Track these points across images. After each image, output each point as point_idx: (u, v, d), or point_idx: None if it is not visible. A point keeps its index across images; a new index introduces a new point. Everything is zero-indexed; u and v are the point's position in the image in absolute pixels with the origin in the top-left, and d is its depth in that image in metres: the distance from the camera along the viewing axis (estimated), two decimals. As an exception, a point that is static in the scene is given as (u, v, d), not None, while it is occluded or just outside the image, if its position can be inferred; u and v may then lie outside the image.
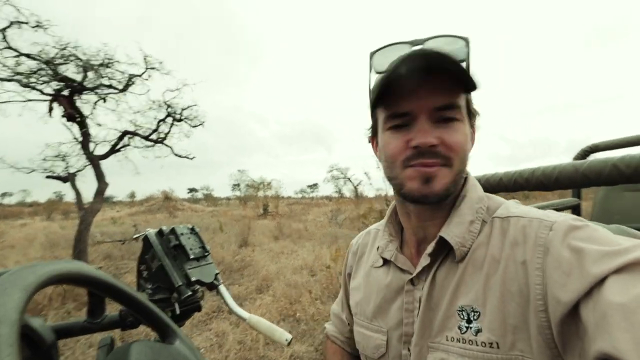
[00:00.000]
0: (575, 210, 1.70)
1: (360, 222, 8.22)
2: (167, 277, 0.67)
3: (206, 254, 0.75)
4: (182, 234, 0.74)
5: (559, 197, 1.93)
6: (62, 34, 5.14)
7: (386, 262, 0.62)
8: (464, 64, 0.49)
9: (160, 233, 0.73)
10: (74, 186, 5.97)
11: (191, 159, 7.18)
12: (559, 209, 1.71)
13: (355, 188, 24.15)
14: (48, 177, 5.92)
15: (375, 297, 0.61)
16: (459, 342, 0.47)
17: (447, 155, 0.49)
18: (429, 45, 0.51)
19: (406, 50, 0.50)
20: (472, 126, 0.55)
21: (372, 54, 0.55)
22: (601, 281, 0.36)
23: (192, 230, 0.79)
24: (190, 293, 0.66)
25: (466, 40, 0.50)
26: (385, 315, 0.58)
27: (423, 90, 0.48)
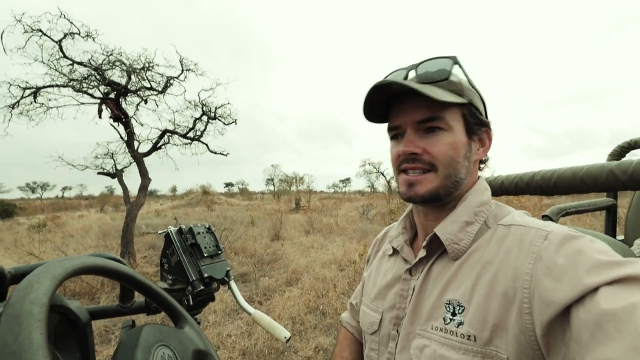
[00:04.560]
0: (611, 211, 1.59)
1: (390, 217, 8.12)
2: (183, 271, 0.76)
3: (219, 252, 0.83)
4: (198, 233, 0.82)
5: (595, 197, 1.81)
6: (107, 41, 5.58)
7: (395, 251, 0.68)
8: (446, 80, 0.55)
9: (179, 231, 0.82)
10: (121, 181, 6.50)
11: (226, 155, 7.50)
12: (591, 209, 1.61)
13: (388, 183, 23.74)
14: (99, 173, 6.50)
15: (380, 282, 0.68)
16: (442, 331, 0.51)
17: (431, 162, 0.55)
18: (421, 68, 0.57)
19: (403, 74, 0.59)
20: (477, 134, 0.58)
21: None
22: (594, 291, 0.37)
23: (209, 229, 0.87)
24: (202, 287, 0.74)
25: (453, 58, 0.56)
26: (384, 297, 0.64)
27: (409, 106, 0.56)
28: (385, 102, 0.59)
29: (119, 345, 0.47)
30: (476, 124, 0.57)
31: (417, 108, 0.55)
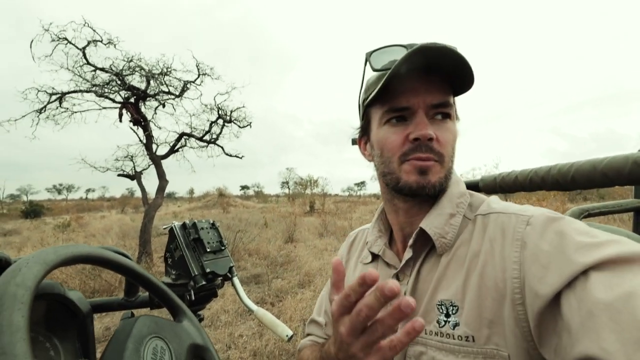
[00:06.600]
0: (639, 213, 1.49)
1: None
2: (186, 266, 0.75)
3: (223, 248, 0.82)
4: (202, 228, 0.82)
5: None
6: (127, 48, 5.78)
7: (374, 258, 0.63)
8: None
9: (183, 226, 0.82)
10: (139, 183, 6.69)
11: (241, 157, 7.60)
12: (617, 210, 1.52)
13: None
14: (119, 175, 6.71)
15: None
16: (437, 335, 0.48)
17: (440, 152, 0.51)
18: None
19: (402, 53, 0.51)
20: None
21: (369, 54, 0.57)
22: (583, 275, 0.35)
23: (213, 225, 0.86)
24: (204, 282, 0.74)
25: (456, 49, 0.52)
26: None
27: (422, 87, 0.50)
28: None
29: (112, 335, 0.47)
30: (457, 114, 0.56)
31: (431, 90, 0.50)
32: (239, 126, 7.27)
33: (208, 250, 0.78)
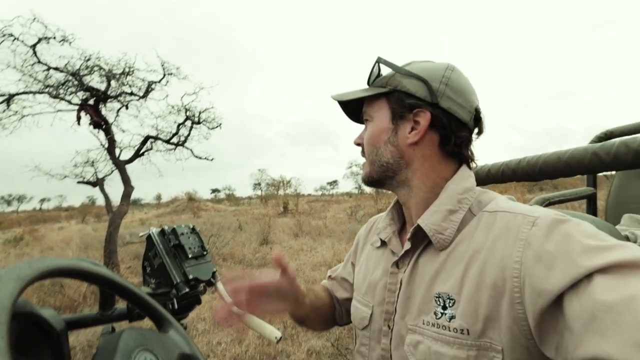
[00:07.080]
0: (591, 199, 1.63)
1: (378, 217, 8.17)
2: (167, 274, 0.72)
3: (205, 252, 0.80)
4: (182, 233, 0.79)
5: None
6: (85, 46, 5.42)
7: (384, 243, 0.66)
8: (373, 80, 0.63)
9: (162, 232, 0.79)
10: (102, 190, 6.31)
11: (211, 160, 7.39)
12: (573, 198, 1.65)
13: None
14: (79, 182, 6.29)
15: (370, 275, 0.66)
16: (434, 326, 0.50)
17: (364, 150, 0.64)
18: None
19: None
20: (405, 118, 0.57)
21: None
22: (587, 278, 0.36)
23: (193, 230, 0.83)
24: (187, 290, 0.71)
25: (376, 60, 0.62)
26: (373, 292, 0.63)
27: (361, 107, 0.65)
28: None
29: (97, 351, 0.44)
30: (402, 107, 0.57)
31: (364, 107, 0.64)
32: (209, 127, 7.05)
33: (190, 256, 0.75)
